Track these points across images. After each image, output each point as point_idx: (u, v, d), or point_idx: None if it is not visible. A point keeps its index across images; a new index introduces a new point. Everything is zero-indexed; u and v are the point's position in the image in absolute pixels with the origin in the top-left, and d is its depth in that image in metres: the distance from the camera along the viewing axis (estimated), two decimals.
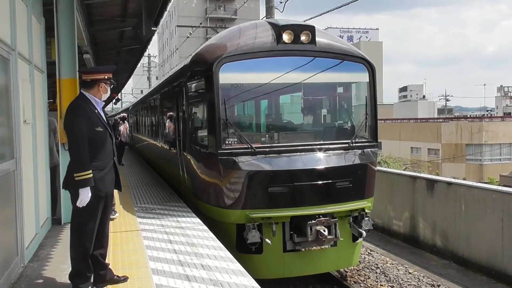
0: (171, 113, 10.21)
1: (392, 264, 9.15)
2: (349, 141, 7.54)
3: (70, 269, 4.54)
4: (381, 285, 8.18)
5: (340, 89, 8.46)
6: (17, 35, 5.32)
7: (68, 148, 4.38)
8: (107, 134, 4.50)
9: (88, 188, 4.22)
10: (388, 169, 13.81)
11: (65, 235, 6.83)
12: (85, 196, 4.21)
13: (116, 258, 5.48)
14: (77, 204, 4.23)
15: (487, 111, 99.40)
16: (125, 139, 17.43)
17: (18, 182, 5.15)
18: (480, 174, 39.60)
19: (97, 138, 4.36)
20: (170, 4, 11.10)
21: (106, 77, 4.53)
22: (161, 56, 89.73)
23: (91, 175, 4.23)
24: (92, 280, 4.52)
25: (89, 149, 4.27)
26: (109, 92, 4.60)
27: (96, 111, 4.46)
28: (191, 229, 6.83)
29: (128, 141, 19.01)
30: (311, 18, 16.11)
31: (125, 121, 17.98)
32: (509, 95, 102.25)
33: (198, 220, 7.40)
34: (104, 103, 4.70)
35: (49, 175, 7.44)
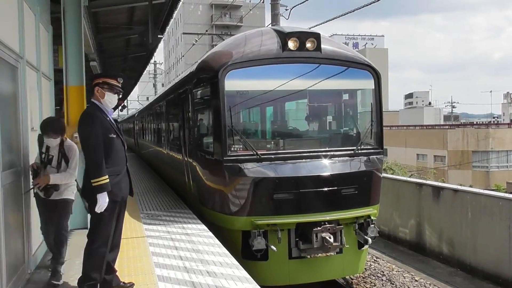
0: (177, 120, 10.25)
1: (398, 271, 9.11)
2: (355, 148, 7.54)
3: (77, 275, 4.56)
4: None
5: (345, 96, 8.48)
6: (25, 43, 5.38)
7: (84, 156, 4.47)
8: (120, 141, 4.59)
9: (105, 193, 4.31)
10: (394, 176, 13.77)
11: (72, 241, 6.84)
12: (103, 201, 4.30)
13: (122, 265, 5.49)
14: (96, 210, 4.31)
15: (494, 117, 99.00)
16: None
17: (25, 189, 5.18)
18: (487, 181, 39.38)
19: (111, 145, 4.45)
20: (176, 12, 11.18)
21: (101, 81, 4.57)
22: (167, 63, 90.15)
23: (108, 180, 4.32)
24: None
25: (104, 156, 4.36)
26: (111, 98, 4.60)
27: (107, 118, 4.55)
28: (197, 236, 6.84)
29: None
30: (316, 25, 16.19)
31: None
32: None
33: (203, 226, 7.41)
34: (113, 111, 4.75)
35: None
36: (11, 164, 4.73)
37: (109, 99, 4.57)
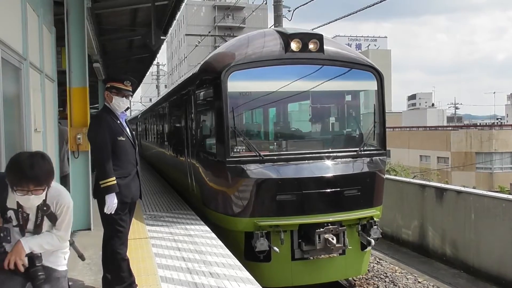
0: (179, 121, 10.27)
1: (401, 273, 9.08)
2: (358, 149, 7.53)
3: (80, 276, 4.58)
4: None
5: (348, 97, 8.47)
6: (28, 45, 5.40)
7: (93, 157, 4.58)
8: (130, 144, 4.63)
9: (113, 194, 4.35)
10: (397, 177, 13.74)
11: (75, 242, 6.86)
12: (110, 202, 4.34)
13: None
14: (105, 210, 4.37)
15: (497, 119, 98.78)
16: None
17: None
18: (490, 182, 39.23)
19: (119, 147, 4.50)
20: (179, 13, 11.20)
21: (109, 85, 4.64)
22: (170, 65, 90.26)
23: (115, 181, 4.36)
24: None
25: (112, 158, 4.41)
26: (119, 101, 4.59)
27: (118, 121, 4.60)
28: (200, 237, 6.84)
29: None
30: (319, 27, 16.16)
31: None
32: None
33: (206, 228, 7.42)
34: (126, 114, 4.78)
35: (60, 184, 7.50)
36: None
37: (117, 103, 4.60)
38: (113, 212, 4.37)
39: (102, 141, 4.41)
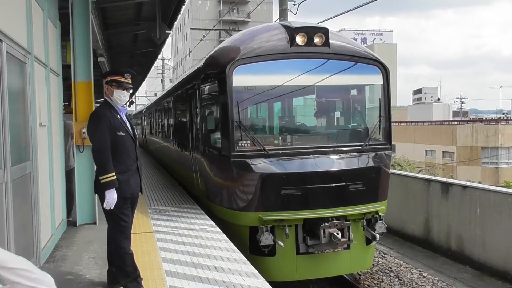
0: (184, 116, 10.26)
1: (406, 267, 9.08)
2: (363, 143, 7.51)
3: (85, 270, 4.58)
4: None
5: (353, 92, 8.43)
6: (33, 39, 5.40)
7: (92, 153, 4.52)
8: (129, 138, 4.60)
9: (113, 189, 4.34)
10: (402, 172, 13.70)
11: (80, 236, 6.91)
12: (110, 198, 4.34)
13: None
14: (104, 206, 4.38)
15: (503, 113, 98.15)
16: None
17: (34, 184, 5.22)
18: (496, 177, 39.07)
19: (118, 143, 4.48)
20: (183, 7, 11.18)
21: (109, 78, 4.61)
22: (175, 59, 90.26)
23: (115, 177, 4.35)
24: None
25: (112, 153, 4.39)
26: (120, 95, 4.58)
27: (118, 116, 4.57)
28: (205, 231, 6.86)
29: None
30: (324, 20, 16.08)
31: None
32: None
33: (211, 222, 7.43)
34: (126, 108, 4.76)
35: (65, 177, 7.53)
36: (20, 159, 4.76)
37: (118, 96, 4.59)
38: (112, 208, 4.37)
39: (101, 136, 4.39)
